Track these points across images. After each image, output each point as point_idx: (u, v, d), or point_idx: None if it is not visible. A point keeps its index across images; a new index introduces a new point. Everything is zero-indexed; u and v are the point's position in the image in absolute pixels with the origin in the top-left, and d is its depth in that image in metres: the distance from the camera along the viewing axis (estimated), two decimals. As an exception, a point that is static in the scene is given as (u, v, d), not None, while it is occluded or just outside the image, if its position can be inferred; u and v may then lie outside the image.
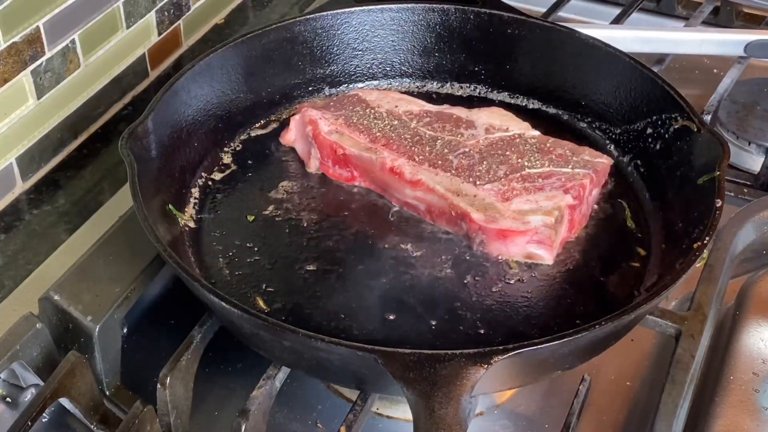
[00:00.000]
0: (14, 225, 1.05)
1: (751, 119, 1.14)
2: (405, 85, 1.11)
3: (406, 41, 1.10)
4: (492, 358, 0.68)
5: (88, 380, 0.79)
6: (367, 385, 0.77)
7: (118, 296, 0.84)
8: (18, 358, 0.81)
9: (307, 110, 0.99)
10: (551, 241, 0.87)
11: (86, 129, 1.16)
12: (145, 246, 0.83)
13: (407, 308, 0.83)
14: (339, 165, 0.97)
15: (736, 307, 0.91)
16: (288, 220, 0.93)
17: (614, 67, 1.01)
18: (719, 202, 0.82)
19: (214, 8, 1.36)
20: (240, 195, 0.96)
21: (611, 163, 0.95)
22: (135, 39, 1.20)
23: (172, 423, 0.78)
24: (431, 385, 0.66)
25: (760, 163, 1.08)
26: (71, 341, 0.84)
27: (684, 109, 0.93)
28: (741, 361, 0.85)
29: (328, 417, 0.85)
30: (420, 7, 1.08)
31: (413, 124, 0.98)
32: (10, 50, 1.00)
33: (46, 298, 0.84)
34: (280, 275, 0.86)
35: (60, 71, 1.08)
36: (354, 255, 0.89)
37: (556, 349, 0.71)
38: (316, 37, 1.07)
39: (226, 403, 0.86)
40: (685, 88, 0.98)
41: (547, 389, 0.87)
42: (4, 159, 1.04)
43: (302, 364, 0.77)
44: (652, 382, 0.88)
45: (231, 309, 0.72)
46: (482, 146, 0.95)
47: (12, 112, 1.04)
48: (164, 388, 0.77)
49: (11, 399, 0.82)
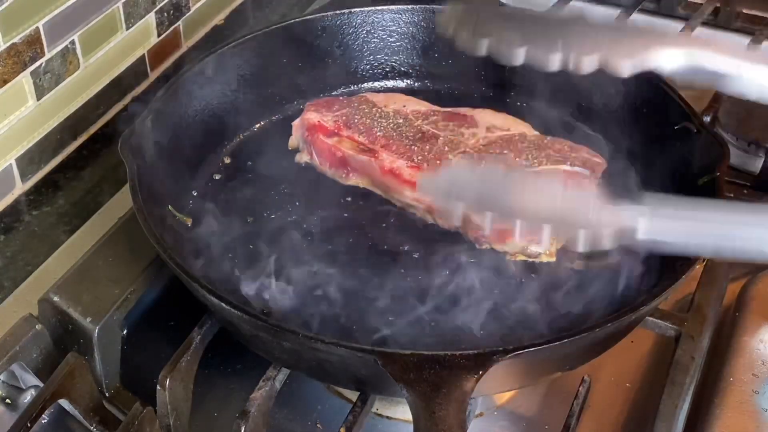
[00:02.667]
0: (14, 226, 1.05)
1: (751, 120, 1.14)
2: (405, 85, 1.11)
3: (406, 42, 1.10)
4: (492, 360, 0.68)
5: (87, 381, 0.79)
6: (367, 386, 0.77)
7: (117, 297, 0.84)
8: (17, 360, 0.81)
9: (307, 113, 0.99)
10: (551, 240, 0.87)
11: (86, 130, 1.16)
12: (145, 247, 0.83)
13: (407, 309, 0.83)
14: (338, 167, 0.97)
15: (735, 308, 0.91)
16: (288, 221, 0.93)
17: (614, 68, 1.01)
18: (719, 203, 0.82)
19: (213, 9, 1.35)
20: (240, 195, 0.96)
21: (605, 164, 0.95)
22: (135, 40, 1.20)
23: (172, 424, 0.78)
24: (431, 387, 0.66)
25: (760, 164, 1.08)
26: (71, 342, 0.84)
27: (684, 110, 0.93)
28: (741, 362, 0.85)
29: (328, 418, 0.85)
30: (420, 8, 1.09)
31: (417, 123, 0.98)
32: (9, 51, 1.00)
33: (46, 299, 0.84)
34: (280, 276, 0.86)
35: (60, 72, 1.08)
36: (354, 256, 0.89)
37: (556, 351, 0.71)
38: (316, 38, 1.07)
39: (226, 404, 0.86)
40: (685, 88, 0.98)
41: (547, 390, 0.87)
42: (3, 160, 1.04)
43: (302, 365, 0.77)
44: (651, 384, 0.88)
45: (231, 310, 0.72)
46: (482, 145, 0.95)
47: (12, 113, 1.03)
48: (164, 390, 0.77)
49: (11, 400, 0.82)
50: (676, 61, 0.64)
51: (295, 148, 1.02)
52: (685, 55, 0.63)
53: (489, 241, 0.88)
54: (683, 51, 0.63)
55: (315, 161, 0.99)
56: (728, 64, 0.63)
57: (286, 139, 1.02)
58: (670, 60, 0.64)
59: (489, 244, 0.89)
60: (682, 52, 0.63)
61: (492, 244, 0.89)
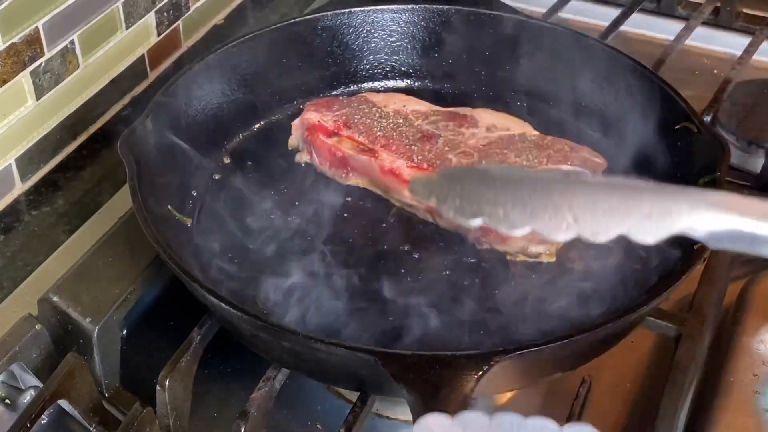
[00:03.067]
0: (13, 226, 1.05)
1: (752, 120, 1.14)
2: (405, 85, 1.11)
3: (406, 42, 1.10)
4: (492, 360, 0.67)
5: (87, 382, 0.79)
6: (367, 386, 0.77)
7: (117, 297, 0.84)
8: (17, 360, 0.81)
9: (306, 113, 0.99)
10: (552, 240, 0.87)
11: (85, 130, 1.16)
12: (145, 247, 0.82)
13: (407, 309, 0.83)
14: (338, 167, 0.97)
15: (736, 308, 0.91)
16: (288, 221, 0.93)
17: (615, 67, 1.01)
18: (720, 204, 0.82)
19: (213, 9, 1.35)
20: (240, 196, 0.96)
21: (605, 164, 0.95)
22: (134, 40, 1.20)
23: (172, 424, 0.78)
24: (431, 387, 0.66)
25: (761, 164, 1.08)
26: (70, 342, 0.83)
27: (684, 110, 0.93)
28: (741, 362, 0.85)
29: (328, 418, 0.85)
30: (420, 8, 1.08)
31: (417, 123, 0.98)
32: (9, 51, 1.00)
33: (46, 299, 0.84)
34: (280, 276, 0.86)
35: (59, 72, 1.08)
36: (354, 256, 0.89)
37: (557, 351, 0.71)
38: (316, 37, 1.07)
39: (226, 404, 0.86)
40: (685, 88, 0.98)
41: (548, 391, 0.87)
42: (3, 160, 1.04)
43: (302, 365, 0.77)
44: (652, 384, 0.88)
45: (230, 310, 0.72)
46: (482, 145, 0.95)
47: (11, 113, 1.03)
48: (163, 390, 0.76)
49: (10, 400, 0.82)
50: (715, 226, 0.55)
51: (295, 148, 1.02)
52: (724, 221, 0.55)
53: (489, 241, 0.88)
54: (721, 216, 0.55)
55: (315, 161, 0.99)
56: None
57: (286, 139, 1.02)
58: (707, 225, 0.55)
59: (489, 244, 0.89)
60: (720, 216, 0.55)
61: (492, 244, 0.89)
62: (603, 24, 1.29)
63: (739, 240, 0.55)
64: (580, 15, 1.39)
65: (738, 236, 0.55)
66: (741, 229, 0.55)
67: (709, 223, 0.55)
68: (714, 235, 0.55)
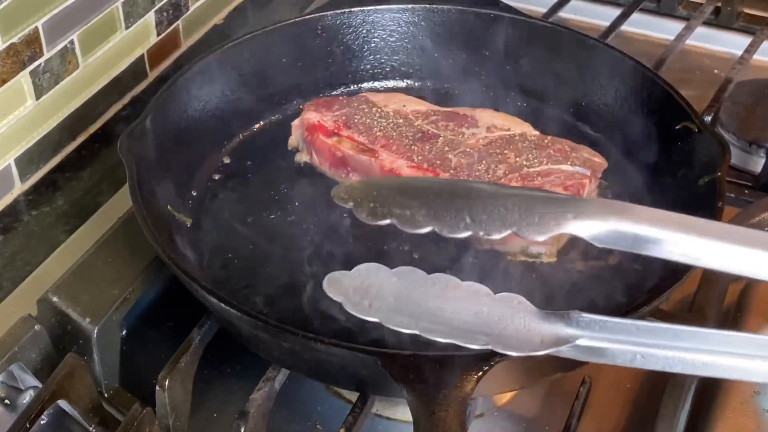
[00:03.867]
0: (13, 226, 1.05)
1: (753, 120, 1.14)
2: (405, 85, 1.11)
3: (406, 42, 1.10)
4: (492, 360, 0.67)
5: (86, 382, 0.79)
6: (367, 386, 0.77)
7: (116, 298, 0.84)
8: (16, 360, 0.81)
9: (306, 113, 0.99)
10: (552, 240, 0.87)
11: (85, 130, 1.16)
12: (144, 247, 0.82)
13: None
14: (338, 167, 0.97)
15: (736, 308, 0.91)
16: (288, 221, 0.93)
17: (615, 67, 1.01)
18: (720, 204, 0.82)
19: (213, 9, 1.35)
20: (240, 196, 0.96)
21: (606, 164, 0.95)
22: (134, 39, 1.20)
23: (171, 425, 0.78)
24: (431, 387, 0.66)
25: (761, 164, 1.08)
26: (70, 343, 0.83)
27: (685, 110, 0.93)
28: (742, 362, 0.84)
29: (328, 419, 0.85)
30: (420, 8, 1.08)
31: (417, 123, 0.98)
32: (8, 51, 1.00)
33: (45, 299, 0.84)
34: (280, 276, 0.86)
35: (59, 72, 1.08)
36: (354, 256, 0.88)
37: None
38: (316, 37, 1.07)
39: (225, 404, 0.86)
40: (685, 88, 0.98)
41: (548, 391, 0.87)
42: (2, 160, 1.04)
43: (302, 365, 0.77)
44: (652, 385, 0.87)
45: (230, 310, 0.72)
46: (481, 145, 0.95)
47: (10, 113, 1.03)
48: (163, 390, 0.76)
49: (10, 401, 0.82)
50: (596, 229, 0.64)
51: (295, 148, 1.02)
52: (604, 225, 0.63)
53: (490, 241, 0.88)
54: (601, 221, 0.63)
55: (315, 161, 0.99)
56: (648, 231, 0.63)
57: (285, 139, 1.02)
58: (589, 229, 0.63)
59: (490, 245, 0.89)
60: (600, 222, 0.63)
61: (492, 245, 0.88)
62: (603, 24, 1.29)
63: (622, 241, 0.63)
64: (581, 15, 1.39)
65: (620, 238, 0.63)
66: (623, 231, 0.63)
67: (590, 228, 0.63)
68: (596, 237, 0.63)
